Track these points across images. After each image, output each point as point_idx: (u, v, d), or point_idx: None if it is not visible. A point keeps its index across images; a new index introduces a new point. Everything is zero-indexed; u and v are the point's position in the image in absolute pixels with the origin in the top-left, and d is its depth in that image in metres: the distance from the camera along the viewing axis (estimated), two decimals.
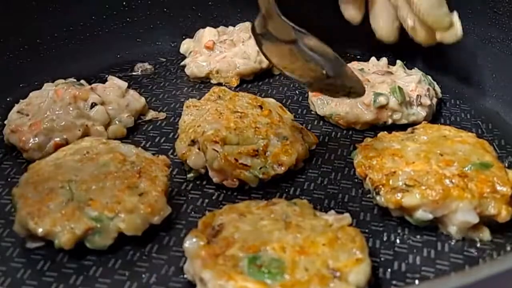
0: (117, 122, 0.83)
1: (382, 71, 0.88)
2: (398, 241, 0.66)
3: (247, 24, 1.01)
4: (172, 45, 1.06)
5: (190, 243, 0.59)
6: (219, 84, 0.95)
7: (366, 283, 0.57)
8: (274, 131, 0.76)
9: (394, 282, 0.61)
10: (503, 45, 0.88)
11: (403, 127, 0.79)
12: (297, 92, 0.94)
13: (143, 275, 0.62)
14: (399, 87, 0.83)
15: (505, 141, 0.82)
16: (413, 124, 0.81)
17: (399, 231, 0.67)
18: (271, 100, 0.84)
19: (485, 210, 0.64)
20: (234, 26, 1.02)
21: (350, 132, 0.84)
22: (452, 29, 0.81)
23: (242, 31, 0.99)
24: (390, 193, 0.66)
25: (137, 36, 1.06)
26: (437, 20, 0.80)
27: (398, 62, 0.91)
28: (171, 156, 0.78)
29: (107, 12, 1.04)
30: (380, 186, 0.67)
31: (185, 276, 0.61)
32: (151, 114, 0.88)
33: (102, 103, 0.83)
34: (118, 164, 0.69)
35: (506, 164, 0.74)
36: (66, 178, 0.66)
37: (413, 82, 0.85)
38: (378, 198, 0.67)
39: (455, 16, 0.81)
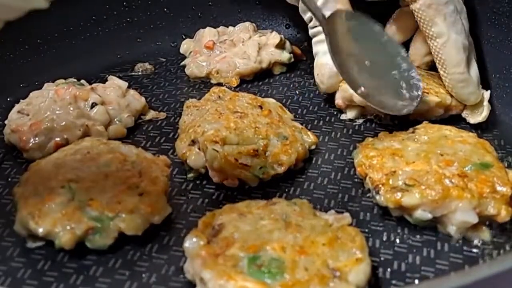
0: (117, 122, 0.83)
1: None
2: (398, 240, 0.66)
3: (247, 24, 1.01)
4: (172, 45, 1.06)
5: (190, 243, 0.60)
6: (219, 84, 0.94)
7: (366, 282, 0.57)
8: (274, 131, 0.76)
9: (394, 282, 0.61)
10: (503, 45, 0.87)
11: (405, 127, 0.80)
12: (297, 92, 0.94)
13: (143, 275, 0.62)
14: None
15: (505, 141, 0.81)
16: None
17: (398, 231, 0.67)
18: (271, 100, 0.84)
19: (484, 210, 0.64)
20: (234, 26, 1.02)
21: (350, 132, 0.84)
22: (479, 108, 0.83)
23: (242, 31, 0.99)
24: (389, 193, 0.66)
25: (137, 36, 1.06)
26: (461, 98, 0.82)
27: None
28: (171, 156, 0.78)
29: (107, 12, 1.03)
30: (380, 186, 0.67)
31: (185, 276, 0.61)
32: (151, 114, 0.88)
33: (103, 103, 0.83)
34: (118, 164, 0.69)
35: (506, 164, 0.73)
36: (66, 178, 0.66)
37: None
38: (377, 197, 0.67)
39: (486, 96, 0.83)
